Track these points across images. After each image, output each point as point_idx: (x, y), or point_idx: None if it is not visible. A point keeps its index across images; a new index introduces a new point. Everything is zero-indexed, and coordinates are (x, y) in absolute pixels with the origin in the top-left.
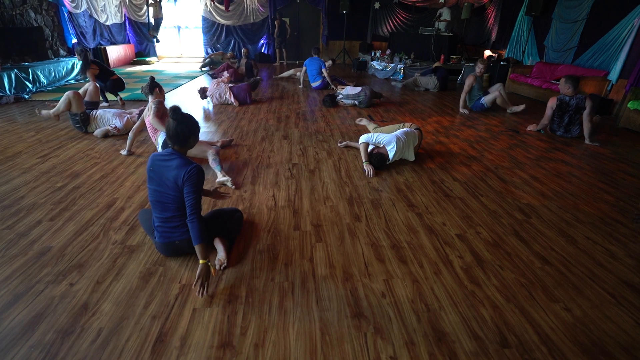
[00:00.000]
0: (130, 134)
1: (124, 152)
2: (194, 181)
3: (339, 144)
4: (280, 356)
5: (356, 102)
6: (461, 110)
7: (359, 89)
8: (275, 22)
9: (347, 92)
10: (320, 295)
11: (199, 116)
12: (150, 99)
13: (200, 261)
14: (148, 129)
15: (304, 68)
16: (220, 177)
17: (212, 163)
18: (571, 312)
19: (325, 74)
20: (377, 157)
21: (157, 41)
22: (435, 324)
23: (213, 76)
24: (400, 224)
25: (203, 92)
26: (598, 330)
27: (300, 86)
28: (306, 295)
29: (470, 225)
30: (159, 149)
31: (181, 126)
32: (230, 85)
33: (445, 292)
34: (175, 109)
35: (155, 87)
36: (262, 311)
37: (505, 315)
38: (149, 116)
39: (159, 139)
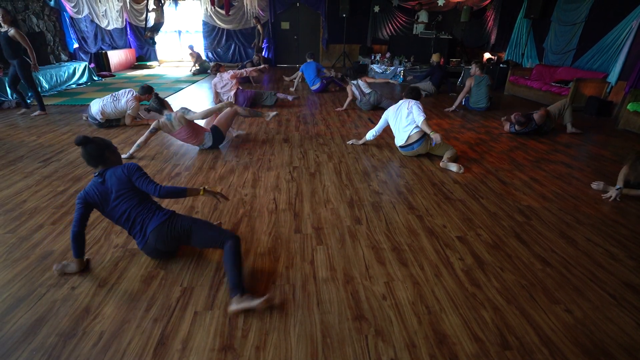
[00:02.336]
0: (139, 141)
1: (124, 156)
2: (136, 167)
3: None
4: (282, 359)
5: (358, 100)
6: (452, 107)
7: (369, 89)
8: (259, 28)
9: (360, 84)
10: (321, 298)
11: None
12: (165, 113)
13: (201, 193)
14: (186, 137)
15: (300, 74)
16: (271, 114)
17: (250, 112)
18: (572, 314)
19: (328, 73)
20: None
21: (154, 43)
22: (436, 326)
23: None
24: (400, 227)
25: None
26: (599, 332)
27: (292, 89)
28: (307, 298)
29: (470, 227)
30: (208, 144)
31: (90, 147)
32: (240, 88)
33: (446, 294)
34: (77, 137)
35: (163, 100)
36: (263, 314)
37: (506, 317)
38: (182, 126)
39: (207, 140)
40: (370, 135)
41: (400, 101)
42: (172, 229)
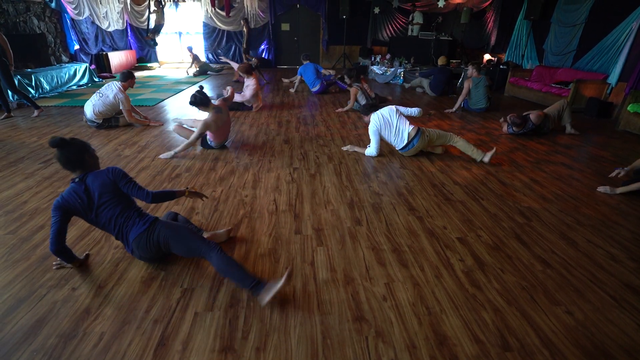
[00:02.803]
0: (189, 141)
1: (165, 155)
2: (122, 171)
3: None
4: None
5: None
6: (453, 109)
7: (373, 93)
8: (244, 29)
9: (365, 88)
10: (321, 299)
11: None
12: (213, 107)
13: (186, 194)
14: (229, 128)
15: (299, 77)
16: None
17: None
18: (573, 315)
19: (327, 72)
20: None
21: (155, 44)
22: (437, 327)
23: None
24: (401, 228)
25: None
26: (600, 333)
27: (293, 90)
28: (307, 299)
29: (471, 228)
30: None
31: (68, 149)
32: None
33: (446, 295)
34: (52, 139)
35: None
36: (264, 315)
37: (507, 319)
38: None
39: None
40: (369, 153)
41: (376, 115)
42: (151, 239)
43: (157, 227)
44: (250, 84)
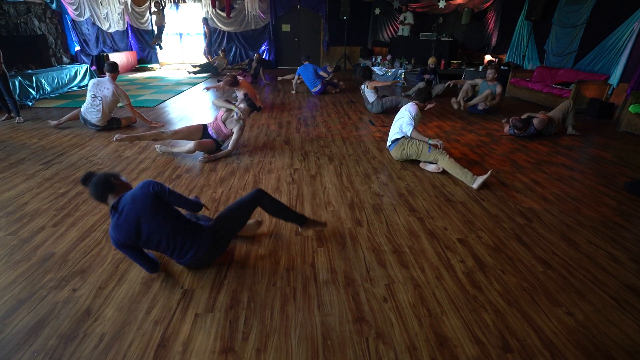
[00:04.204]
0: (234, 140)
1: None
2: (164, 186)
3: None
4: None
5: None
6: (484, 107)
7: (374, 97)
8: (206, 31)
9: (365, 92)
10: (321, 300)
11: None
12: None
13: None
14: (223, 133)
15: (297, 77)
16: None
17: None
18: (574, 317)
19: (326, 75)
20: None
21: (160, 48)
22: (437, 329)
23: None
24: (401, 229)
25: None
26: (601, 335)
27: (293, 92)
28: (308, 300)
29: (471, 229)
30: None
31: (94, 178)
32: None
33: (447, 296)
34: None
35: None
36: (264, 316)
37: (508, 320)
38: (231, 128)
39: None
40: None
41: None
42: (221, 242)
43: (215, 230)
44: (239, 94)
